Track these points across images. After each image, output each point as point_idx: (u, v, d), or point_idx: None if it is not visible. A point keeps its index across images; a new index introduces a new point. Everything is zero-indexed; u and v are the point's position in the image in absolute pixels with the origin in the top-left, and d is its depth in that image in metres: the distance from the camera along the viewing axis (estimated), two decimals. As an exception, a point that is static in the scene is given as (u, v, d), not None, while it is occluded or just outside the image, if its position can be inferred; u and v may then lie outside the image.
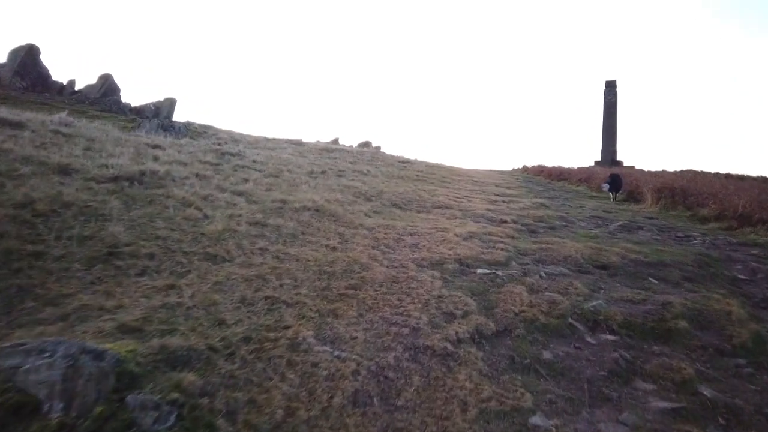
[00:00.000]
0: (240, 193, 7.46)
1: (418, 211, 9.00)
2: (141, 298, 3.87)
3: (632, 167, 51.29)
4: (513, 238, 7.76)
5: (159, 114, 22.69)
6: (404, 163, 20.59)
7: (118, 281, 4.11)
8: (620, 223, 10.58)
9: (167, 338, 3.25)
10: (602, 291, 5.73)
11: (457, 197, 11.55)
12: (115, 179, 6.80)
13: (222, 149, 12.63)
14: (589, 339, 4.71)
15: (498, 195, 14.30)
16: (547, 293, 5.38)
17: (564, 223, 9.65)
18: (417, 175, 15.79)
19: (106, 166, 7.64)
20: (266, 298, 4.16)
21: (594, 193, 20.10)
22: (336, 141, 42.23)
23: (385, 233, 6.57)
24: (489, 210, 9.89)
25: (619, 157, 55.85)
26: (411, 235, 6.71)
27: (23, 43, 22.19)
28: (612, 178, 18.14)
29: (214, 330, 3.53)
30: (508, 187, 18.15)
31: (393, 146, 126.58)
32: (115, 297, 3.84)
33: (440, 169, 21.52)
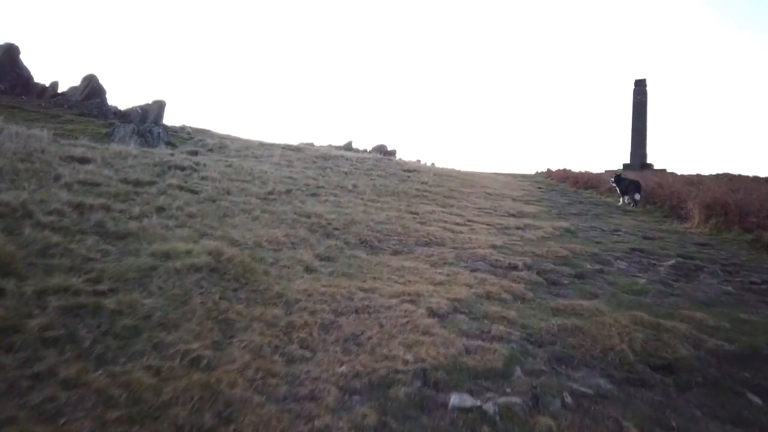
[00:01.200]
0: (122, 237, 5.04)
1: (395, 253, 6.48)
2: None
3: (663, 170, 47.91)
4: (523, 301, 5.18)
5: (146, 117, 20.59)
6: (409, 172, 18.01)
7: None
8: (671, 261, 7.89)
9: None
10: (677, 441, 3.14)
11: (458, 224, 8.97)
12: None
13: (175, 161, 10.28)
14: None
15: (513, 215, 11.66)
16: (576, 459, 2.82)
17: (597, 266, 7.00)
18: (417, 190, 13.23)
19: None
20: None
21: (629, 208, 17.26)
22: (349, 145, 39.89)
23: (313, 311, 4.06)
24: (495, 247, 7.30)
25: (649, 160, 52.51)
26: (356, 312, 4.17)
27: (2, 42, 20.33)
28: (632, 183, 17.43)
29: None
30: (527, 202, 15.45)
31: (411, 150, 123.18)
32: None
33: (451, 178, 18.91)
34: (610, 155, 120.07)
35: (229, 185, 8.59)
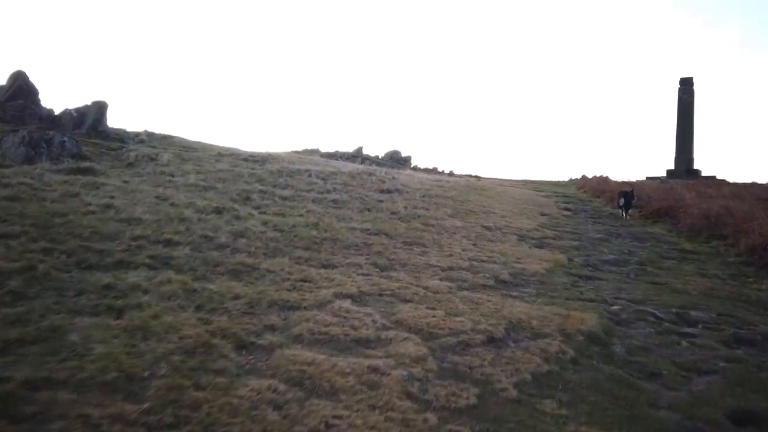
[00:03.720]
0: None
1: None
2: None
3: (712, 177, 41.99)
4: None
5: (83, 121, 16.51)
6: (388, 193, 13.25)
7: None
8: None
9: None
10: None
11: (356, 342, 4.20)
12: None
13: None
14: None
15: (503, 283, 6.77)
16: None
17: None
18: (366, 232, 8.47)
19: None
20: None
21: (688, 244, 12.02)
22: (359, 151, 35.35)
23: None
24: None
25: (695, 166, 46.32)
26: None
27: None
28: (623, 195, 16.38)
29: None
30: (540, 240, 10.47)
31: (434, 154, 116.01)
32: None
33: (446, 200, 14.00)
34: (652, 160, 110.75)
35: None
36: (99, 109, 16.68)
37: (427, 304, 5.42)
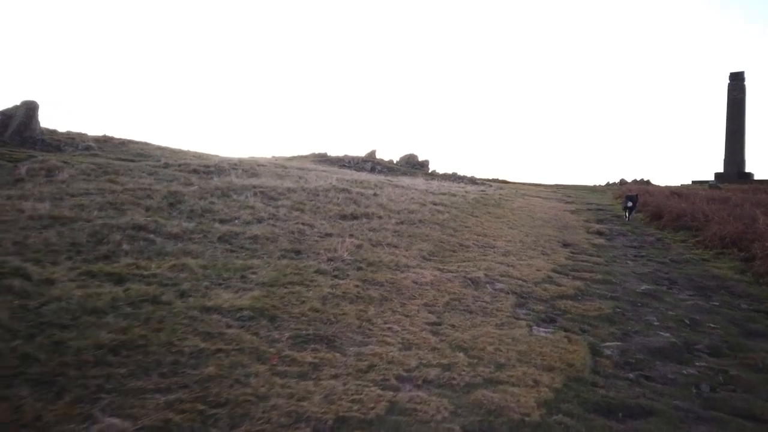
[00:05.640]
0: None
1: None
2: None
3: (766, 181, 37.00)
4: None
5: (8, 125, 13.50)
6: (352, 219, 9.56)
7: None
8: None
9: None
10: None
11: None
12: None
13: None
14: None
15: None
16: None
17: None
18: (239, 312, 4.80)
19: None
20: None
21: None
22: (372, 155, 31.72)
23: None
24: None
25: (747, 168, 40.94)
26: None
27: None
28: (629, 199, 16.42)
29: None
30: (552, 303, 6.59)
31: (461, 157, 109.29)
32: None
33: (431, 227, 10.22)
34: (698, 161, 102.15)
35: None
36: (27, 111, 13.62)
37: None
